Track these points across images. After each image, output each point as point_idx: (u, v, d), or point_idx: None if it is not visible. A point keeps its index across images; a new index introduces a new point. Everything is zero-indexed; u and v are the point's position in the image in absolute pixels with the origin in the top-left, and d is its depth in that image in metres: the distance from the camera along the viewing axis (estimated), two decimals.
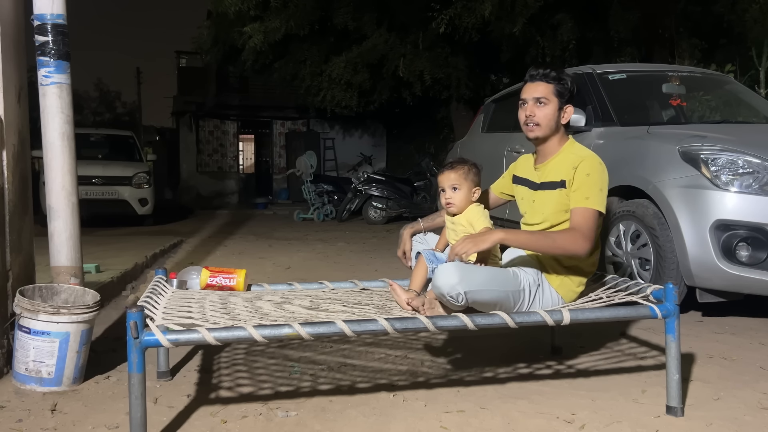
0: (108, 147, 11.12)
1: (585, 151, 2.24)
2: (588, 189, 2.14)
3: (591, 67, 4.47)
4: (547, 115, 2.25)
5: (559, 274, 2.24)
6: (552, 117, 2.25)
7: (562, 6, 9.15)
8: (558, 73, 2.26)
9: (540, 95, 2.26)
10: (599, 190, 2.14)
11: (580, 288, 2.29)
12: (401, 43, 10.51)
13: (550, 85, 2.25)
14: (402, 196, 10.39)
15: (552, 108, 2.25)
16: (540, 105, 2.26)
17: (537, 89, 2.27)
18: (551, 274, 2.24)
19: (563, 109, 2.26)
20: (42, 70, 2.65)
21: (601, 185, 2.16)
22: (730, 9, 7.89)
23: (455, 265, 2.04)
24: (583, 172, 2.15)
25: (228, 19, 10.32)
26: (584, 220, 2.12)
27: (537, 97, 2.26)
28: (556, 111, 2.25)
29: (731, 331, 3.16)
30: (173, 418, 2.05)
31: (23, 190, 2.63)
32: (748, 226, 3.04)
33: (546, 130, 2.27)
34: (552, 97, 2.25)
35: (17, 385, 2.33)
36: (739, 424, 1.99)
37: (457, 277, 1.99)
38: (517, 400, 2.19)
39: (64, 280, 2.68)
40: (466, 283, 1.99)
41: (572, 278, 2.25)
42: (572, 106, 2.28)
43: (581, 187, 2.15)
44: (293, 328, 1.78)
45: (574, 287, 2.27)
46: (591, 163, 2.17)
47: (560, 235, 2.12)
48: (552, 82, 2.25)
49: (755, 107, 4.57)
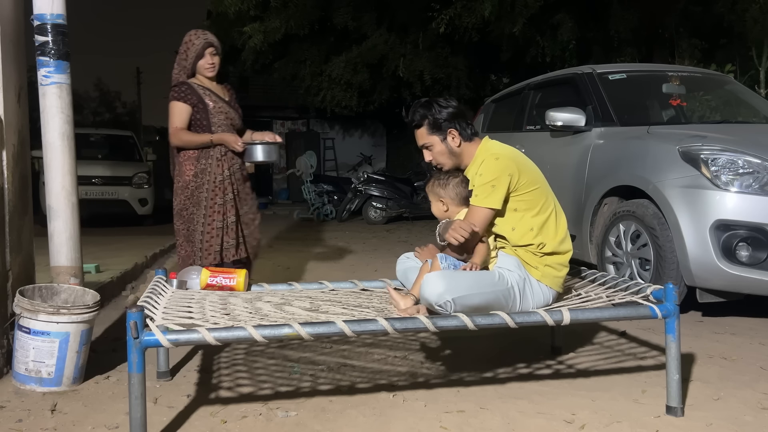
0: (108, 147, 11.12)
1: (489, 151, 2.29)
2: (477, 187, 2.22)
3: (591, 67, 4.47)
4: (440, 153, 2.33)
5: (539, 267, 2.26)
6: (443, 152, 2.33)
7: (562, 6, 9.15)
8: (419, 112, 2.32)
9: (422, 142, 2.35)
10: (490, 186, 2.19)
11: (563, 272, 2.31)
12: (401, 43, 10.52)
13: (422, 129, 2.32)
14: (402, 196, 10.38)
15: (437, 146, 2.32)
16: (428, 150, 2.35)
17: (417, 137, 2.36)
18: (531, 267, 2.26)
19: (446, 138, 2.31)
20: (42, 70, 2.65)
21: (492, 181, 2.19)
22: (730, 9, 7.88)
23: (440, 274, 2.08)
24: (478, 174, 2.23)
25: (228, 19, 10.32)
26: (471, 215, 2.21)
27: (422, 144, 2.35)
28: (441, 144, 2.31)
29: (731, 331, 3.16)
30: (173, 418, 2.05)
31: (23, 190, 2.63)
32: (748, 226, 3.04)
33: (450, 162, 2.35)
34: (429, 137, 2.32)
35: (17, 385, 2.33)
36: (739, 424, 1.99)
37: (443, 285, 2.01)
38: (517, 400, 2.19)
39: (64, 280, 2.68)
40: (452, 291, 2.01)
41: (552, 266, 2.27)
42: (454, 128, 2.30)
43: (474, 187, 2.24)
44: (293, 328, 1.78)
45: (556, 273, 2.28)
46: (486, 162, 2.23)
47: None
48: (419, 126, 2.32)
49: (755, 107, 4.57)
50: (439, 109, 2.30)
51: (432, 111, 2.30)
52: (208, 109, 3.04)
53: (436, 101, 2.34)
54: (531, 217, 2.25)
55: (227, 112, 3.10)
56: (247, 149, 3.06)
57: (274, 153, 3.09)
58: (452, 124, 2.30)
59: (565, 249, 2.31)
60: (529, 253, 2.25)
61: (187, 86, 3.04)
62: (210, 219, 3.00)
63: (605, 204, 3.88)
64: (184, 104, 3.01)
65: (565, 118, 4.01)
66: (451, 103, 2.33)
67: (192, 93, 3.02)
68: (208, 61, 3.08)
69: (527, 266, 2.25)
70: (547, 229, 2.26)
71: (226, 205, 3.03)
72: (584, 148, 4.00)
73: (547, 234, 2.26)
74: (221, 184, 3.02)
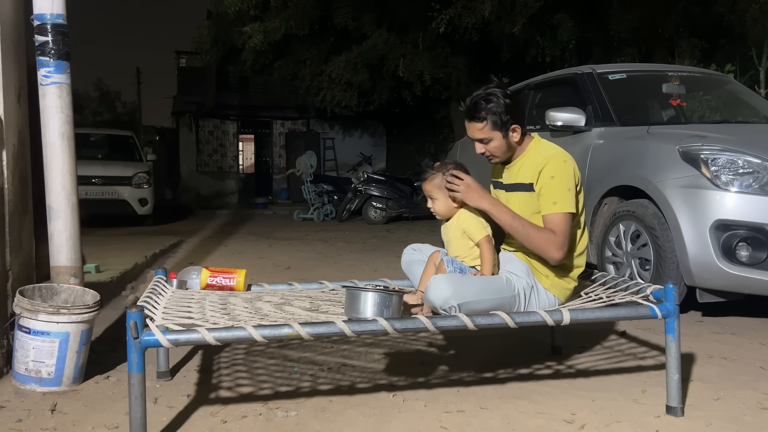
0: (108, 147, 11.12)
1: (549, 150, 2.21)
2: (554, 193, 2.12)
3: (591, 67, 4.47)
4: (498, 147, 2.23)
5: (549, 276, 2.23)
6: (501, 146, 2.23)
7: (562, 6, 9.14)
8: (484, 108, 2.18)
9: (480, 136, 2.23)
10: (567, 191, 2.12)
11: (572, 285, 2.28)
12: (401, 43, 10.51)
13: (484, 124, 2.19)
14: (402, 196, 10.39)
15: (497, 141, 2.22)
16: (485, 143, 2.24)
17: (473, 130, 2.23)
18: (542, 275, 2.24)
19: (508, 133, 2.21)
20: (42, 70, 2.65)
21: (567, 185, 2.13)
22: (730, 9, 7.88)
23: (447, 277, 2.05)
24: (547, 176, 2.13)
25: (228, 19, 10.32)
26: (555, 225, 2.11)
27: (478, 138, 2.24)
28: (503, 140, 2.22)
29: (731, 331, 3.16)
30: (173, 418, 2.05)
31: (23, 190, 2.63)
32: (748, 226, 3.04)
33: (505, 156, 2.27)
34: (490, 132, 2.20)
35: (17, 385, 2.33)
36: (739, 424, 1.99)
37: (449, 290, 2.00)
38: (517, 400, 2.18)
39: (64, 280, 2.68)
40: (459, 296, 2.00)
41: (563, 277, 2.25)
42: (518, 125, 2.20)
43: (547, 192, 2.13)
44: (293, 328, 1.78)
45: (566, 285, 2.26)
46: (555, 164, 2.14)
47: (536, 233, 2.12)
48: (481, 120, 2.19)
49: (755, 107, 4.57)
50: (503, 104, 2.17)
51: (495, 107, 2.17)
52: None
53: (495, 95, 2.18)
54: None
55: None
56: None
57: None
58: (515, 120, 2.19)
59: (580, 263, 2.28)
60: (543, 260, 2.22)
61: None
62: None
63: (605, 204, 3.88)
64: None
65: (565, 118, 4.01)
66: (509, 94, 2.20)
67: None
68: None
69: (537, 274, 2.23)
70: (573, 240, 2.22)
71: None
72: (584, 148, 4.00)
73: (572, 244, 2.22)
74: None
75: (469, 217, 2.27)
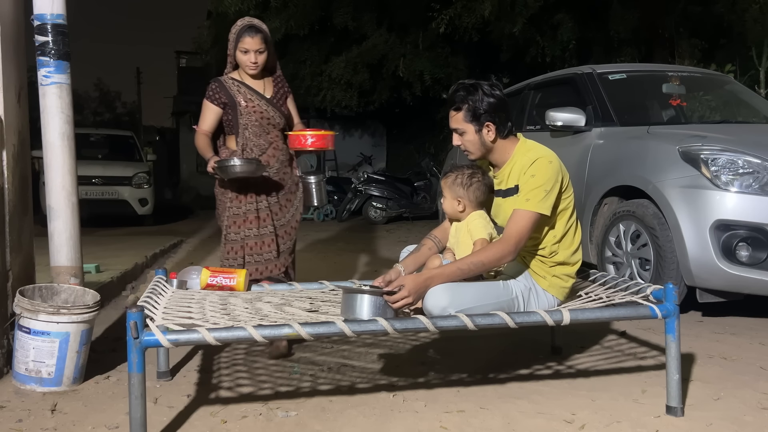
0: (108, 147, 11.13)
1: (536, 152, 2.17)
2: (529, 191, 2.10)
3: (591, 67, 4.47)
4: (470, 141, 2.20)
5: (546, 277, 2.23)
6: (474, 141, 2.19)
7: (562, 6, 9.15)
8: (460, 95, 2.16)
9: (455, 126, 2.21)
10: (543, 191, 2.08)
11: (570, 282, 2.28)
12: (401, 43, 10.52)
13: (459, 113, 2.17)
14: (402, 196, 10.39)
15: (470, 135, 2.18)
16: (460, 135, 2.21)
17: (452, 119, 2.21)
18: (539, 276, 2.23)
19: (481, 130, 2.16)
20: (42, 70, 2.65)
21: (546, 186, 2.09)
22: (730, 9, 7.88)
23: (444, 286, 2.02)
24: (528, 174, 2.12)
25: (228, 19, 10.29)
26: (515, 223, 2.09)
27: (453, 128, 2.22)
28: (475, 135, 2.17)
29: (731, 331, 3.16)
30: (173, 418, 2.05)
31: (23, 190, 2.63)
32: (748, 226, 3.04)
33: (479, 153, 2.23)
34: (464, 124, 2.17)
35: (17, 385, 2.33)
36: (739, 424, 1.99)
37: (447, 299, 1.99)
38: (517, 400, 2.19)
39: (64, 280, 2.68)
40: (456, 304, 1.98)
41: (560, 276, 2.25)
42: (492, 122, 2.15)
43: (524, 189, 2.12)
44: (293, 328, 1.78)
45: (564, 284, 2.26)
46: (539, 164, 2.12)
47: (487, 257, 2.07)
48: (457, 109, 2.17)
49: (755, 107, 4.57)
50: (482, 97, 2.13)
51: (474, 98, 2.13)
52: (238, 109, 2.81)
53: (481, 87, 2.15)
54: (557, 225, 2.20)
55: (264, 111, 2.84)
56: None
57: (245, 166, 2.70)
58: (491, 117, 2.14)
59: (575, 260, 2.27)
60: (539, 261, 2.22)
61: (217, 84, 2.83)
62: (228, 230, 2.86)
63: (605, 204, 3.88)
64: (210, 104, 2.83)
65: (565, 118, 4.01)
66: (496, 93, 2.15)
67: (221, 91, 2.81)
68: (250, 59, 2.76)
69: (535, 275, 2.23)
70: (566, 238, 2.22)
71: (248, 216, 2.85)
72: (584, 148, 4.00)
73: (564, 243, 2.22)
74: (239, 193, 2.83)
75: (478, 218, 2.27)
